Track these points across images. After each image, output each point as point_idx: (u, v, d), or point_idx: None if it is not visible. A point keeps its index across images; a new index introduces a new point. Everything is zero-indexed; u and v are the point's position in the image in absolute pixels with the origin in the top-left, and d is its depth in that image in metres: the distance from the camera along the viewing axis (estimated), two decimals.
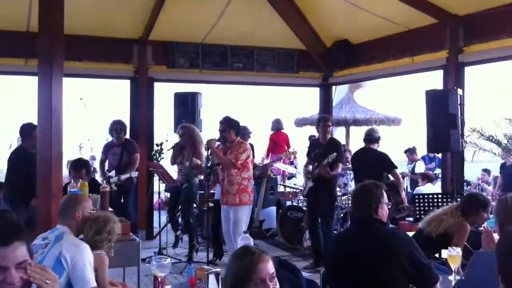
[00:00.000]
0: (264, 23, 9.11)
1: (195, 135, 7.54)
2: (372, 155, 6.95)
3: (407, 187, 11.04)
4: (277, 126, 11.23)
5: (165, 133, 8.79)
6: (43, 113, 4.85)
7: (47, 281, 1.92)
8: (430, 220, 4.66)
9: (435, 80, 8.21)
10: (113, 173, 7.34)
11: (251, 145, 8.40)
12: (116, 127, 7.80)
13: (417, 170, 11.30)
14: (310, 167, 7.15)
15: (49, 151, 4.79)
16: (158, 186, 8.18)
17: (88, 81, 12.37)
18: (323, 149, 6.93)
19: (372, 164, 6.80)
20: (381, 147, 7.31)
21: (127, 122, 8.47)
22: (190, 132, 7.55)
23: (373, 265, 3.29)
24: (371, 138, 7.07)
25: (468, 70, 7.42)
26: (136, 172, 7.71)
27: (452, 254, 3.40)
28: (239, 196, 6.32)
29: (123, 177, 7.32)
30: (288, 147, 10.82)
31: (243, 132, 7.93)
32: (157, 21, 8.51)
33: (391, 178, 6.97)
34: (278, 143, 11.01)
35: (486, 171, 11.12)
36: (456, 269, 3.38)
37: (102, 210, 4.44)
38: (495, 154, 7.14)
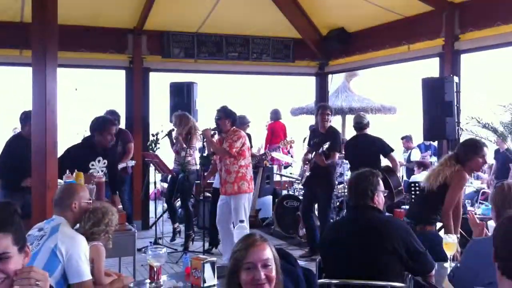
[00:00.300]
0: (259, 12, 9.06)
1: (189, 123, 7.51)
2: (367, 140, 6.94)
3: (402, 176, 11.07)
4: (275, 116, 11.25)
5: (160, 123, 8.75)
6: (38, 104, 4.82)
7: (37, 282, 1.87)
8: (429, 175, 4.66)
9: (431, 68, 8.21)
10: None
11: (249, 135, 8.39)
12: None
13: (412, 159, 11.35)
14: (310, 155, 7.14)
15: (43, 143, 4.76)
16: (154, 176, 8.17)
17: (83, 70, 12.30)
18: (322, 138, 6.93)
19: (369, 148, 6.80)
20: (377, 135, 7.30)
21: (122, 113, 8.45)
22: (184, 121, 7.52)
23: (368, 252, 3.31)
24: (361, 125, 7.06)
25: (465, 58, 7.41)
26: (133, 161, 7.69)
27: (448, 241, 3.41)
28: (237, 184, 6.31)
29: (119, 167, 7.29)
30: (286, 137, 10.82)
31: (242, 122, 7.93)
32: (151, 10, 8.46)
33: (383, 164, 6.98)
34: (276, 133, 11.03)
35: None
36: (451, 257, 3.39)
37: (98, 201, 4.42)
38: (490, 141, 7.13)
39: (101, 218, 3.70)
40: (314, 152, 6.94)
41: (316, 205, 7.45)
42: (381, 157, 6.93)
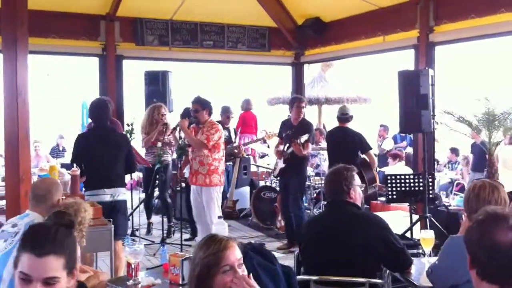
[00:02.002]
0: None
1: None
2: (348, 134, 6.97)
3: (376, 168, 11.19)
4: (246, 106, 11.24)
5: (136, 111, 8.61)
6: (9, 93, 4.71)
7: None
8: None
9: (406, 60, 8.25)
10: None
11: (234, 130, 8.33)
12: None
13: (383, 147, 11.52)
14: (281, 147, 7.14)
15: (16, 133, 4.66)
16: None
17: (56, 57, 12.06)
18: (294, 130, 6.92)
19: (349, 143, 6.84)
20: (354, 126, 7.33)
21: None
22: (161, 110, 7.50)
23: (345, 248, 3.32)
24: (346, 117, 7.07)
25: (440, 50, 7.47)
26: None
27: (425, 237, 3.44)
28: (209, 177, 6.30)
29: None
30: (256, 127, 10.83)
31: (225, 112, 7.90)
32: None
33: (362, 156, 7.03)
34: (248, 122, 11.03)
35: (454, 150, 11.27)
36: (430, 252, 3.42)
37: (72, 196, 4.33)
38: (465, 134, 7.21)
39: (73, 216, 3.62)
40: (288, 144, 6.92)
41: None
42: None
